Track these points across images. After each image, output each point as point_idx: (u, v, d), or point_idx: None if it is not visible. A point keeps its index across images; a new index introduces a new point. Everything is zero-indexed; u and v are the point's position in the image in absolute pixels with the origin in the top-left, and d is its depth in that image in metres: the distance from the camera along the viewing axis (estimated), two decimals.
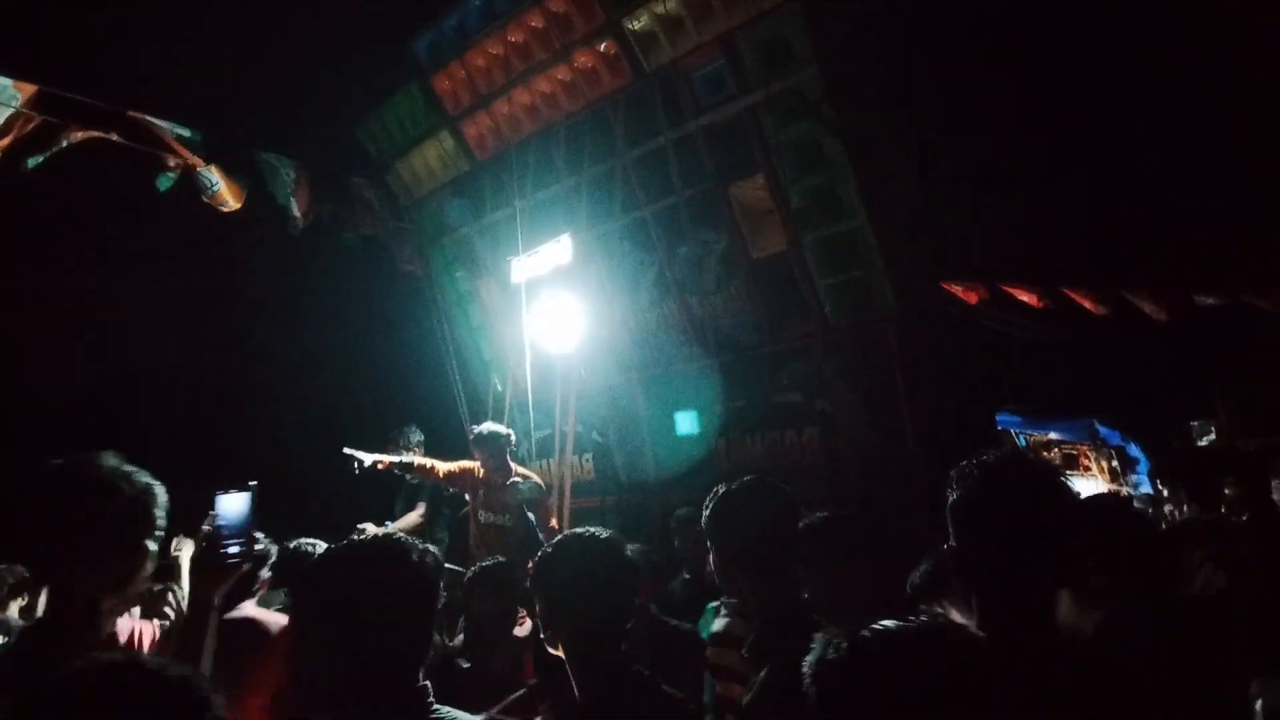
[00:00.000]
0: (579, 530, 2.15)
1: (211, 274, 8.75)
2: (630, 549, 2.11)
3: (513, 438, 5.69)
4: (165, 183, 6.51)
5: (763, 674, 1.98)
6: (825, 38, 5.89)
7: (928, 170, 6.31)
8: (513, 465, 5.57)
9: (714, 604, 3.67)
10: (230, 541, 1.96)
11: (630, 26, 6.61)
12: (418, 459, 5.89)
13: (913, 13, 6.06)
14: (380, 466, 5.53)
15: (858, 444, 6.10)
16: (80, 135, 5.86)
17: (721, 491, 2.20)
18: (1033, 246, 7.68)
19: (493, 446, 5.54)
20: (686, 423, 7.07)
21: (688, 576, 5.05)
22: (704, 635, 3.45)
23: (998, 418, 9.00)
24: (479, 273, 8.59)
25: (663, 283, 7.18)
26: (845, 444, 6.19)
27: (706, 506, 2.20)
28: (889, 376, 5.96)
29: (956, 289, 6.66)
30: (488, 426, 5.75)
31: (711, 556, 2.21)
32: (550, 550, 2.11)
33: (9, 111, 5.50)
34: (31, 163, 5.71)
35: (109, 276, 8.14)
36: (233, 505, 1.99)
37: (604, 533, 2.13)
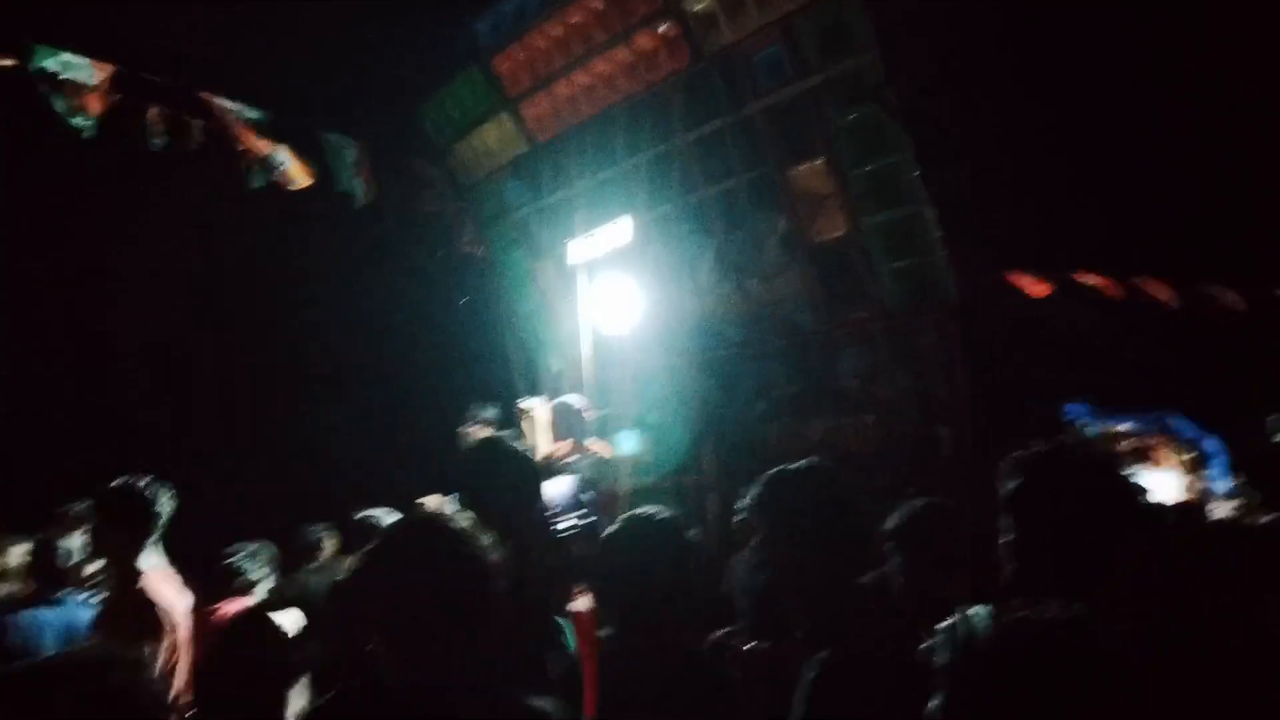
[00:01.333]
0: (638, 511, 2.17)
1: (262, 251, 8.84)
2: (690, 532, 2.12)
3: (584, 411, 5.68)
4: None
5: (821, 657, 1.97)
6: (885, 22, 5.78)
7: (991, 156, 6.16)
8: (586, 443, 5.58)
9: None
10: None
11: (690, 9, 6.57)
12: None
13: None
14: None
15: (914, 433, 6.03)
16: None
17: (775, 473, 2.17)
18: (1102, 236, 7.42)
19: (563, 418, 5.60)
20: (742, 406, 7.07)
21: None
22: None
23: (1066, 408, 8.75)
24: (537, 254, 8.66)
25: (721, 266, 7.16)
26: (901, 432, 6.13)
27: (760, 486, 2.18)
28: (948, 364, 5.88)
29: (1021, 278, 6.49)
30: (560, 399, 5.84)
31: (761, 537, 2.21)
32: (610, 530, 2.14)
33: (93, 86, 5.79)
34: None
35: (155, 253, 8.28)
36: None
37: (664, 513, 2.13)
